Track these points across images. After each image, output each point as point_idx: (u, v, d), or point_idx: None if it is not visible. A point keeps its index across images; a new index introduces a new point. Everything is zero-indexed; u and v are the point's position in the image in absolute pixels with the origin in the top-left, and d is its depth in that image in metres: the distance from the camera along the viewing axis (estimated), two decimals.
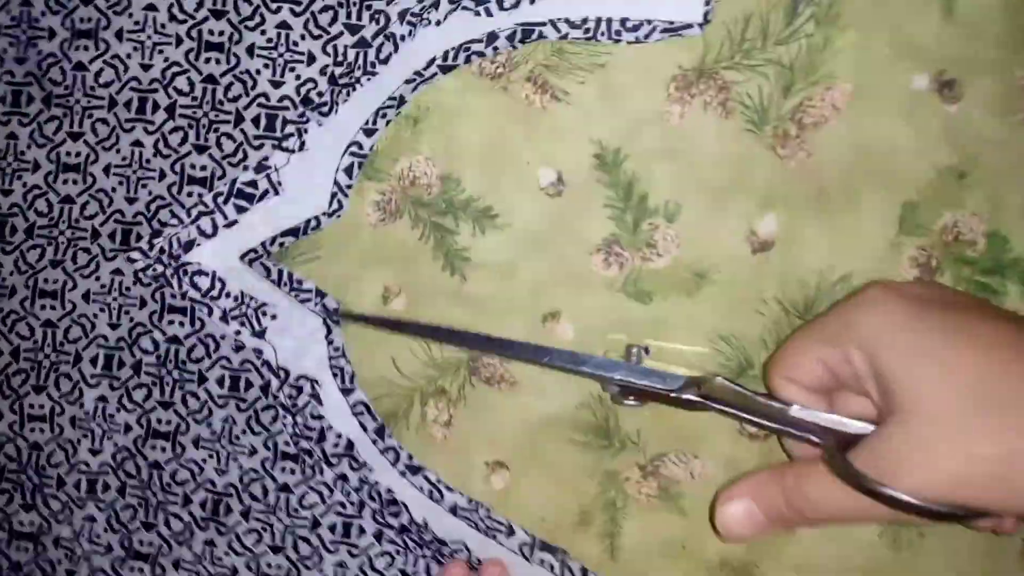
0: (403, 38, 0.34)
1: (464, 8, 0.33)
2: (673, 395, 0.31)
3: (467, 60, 0.34)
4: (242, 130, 0.35)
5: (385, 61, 0.34)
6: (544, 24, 0.33)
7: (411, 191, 0.36)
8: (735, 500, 0.28)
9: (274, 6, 0.35)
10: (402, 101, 0.34)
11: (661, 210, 0.35)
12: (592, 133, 0.35)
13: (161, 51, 0.36)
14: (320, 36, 0.35)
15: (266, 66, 0.35)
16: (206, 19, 0.35)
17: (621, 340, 0.35)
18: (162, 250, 0.36)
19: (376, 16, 0.34)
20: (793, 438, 0.29)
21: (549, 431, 0.36)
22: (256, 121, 0.35)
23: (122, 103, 0.36)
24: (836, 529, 0.34)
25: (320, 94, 0.35)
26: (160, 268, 0.36)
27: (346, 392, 0.36)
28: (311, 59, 0.35)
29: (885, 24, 0.33)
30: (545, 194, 0.35)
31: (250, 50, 0.35)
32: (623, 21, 0.33)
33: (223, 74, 0.35)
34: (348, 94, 0.34)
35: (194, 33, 0.35)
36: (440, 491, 0.36)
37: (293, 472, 0.37)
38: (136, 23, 0.36)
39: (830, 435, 0.27)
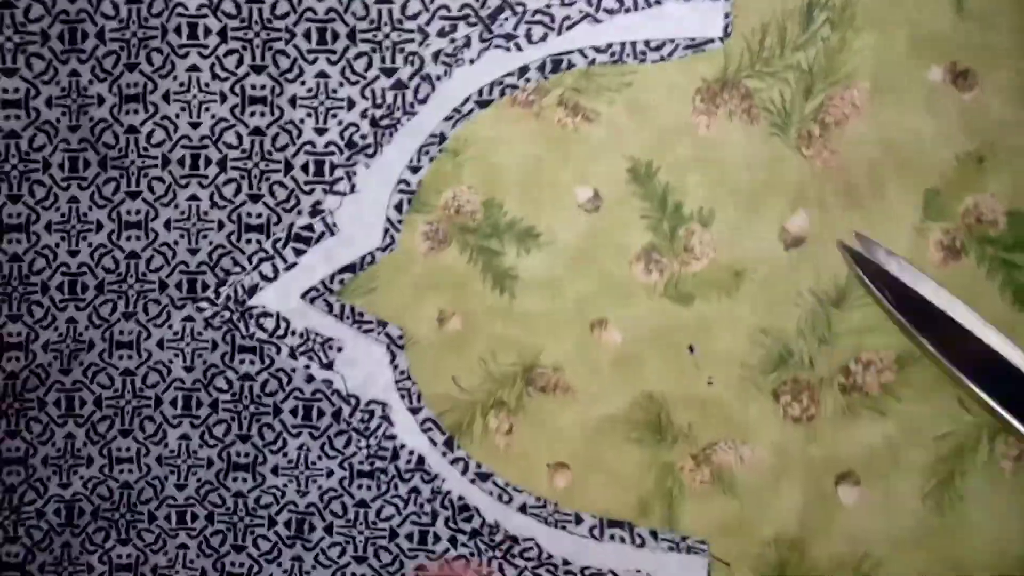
0: (439, 78, 0.35)
1: (496, 46, 0.35)
2: None
3: (502, 94, 0.36)
4: (293, 177, 0.37)
5: (424, 101, 0.36)
6: (572, 52, 0.35)
7: (457, 219, 0.38)
8: None
9: (311, 57, 0.36)
10: (443, 138, 0.36)
11: (696, 216, 0.37)
12: (624, 149, 0.36)
13: (208, 108, 0.37)
14: (358, 82, 0.36)
15: (309, 115, 0.37)
16: (247, 75, 0.37)
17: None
18: (228, 297, 0.38)
19: (410, 58, 0.36)
20: None
21: (606, 431, 0.39)
22: (305, 168, 0.37)
23: (175, 160, 0.38)
24: (882, 497, 0.36)
25: (363, 137, 0.36)
26: (227, 314, 0.38)
27: (414, 411, 0.39)
28: (351, 104, 0.36)
29: (899, 22, 0.34)
30: (583, 210, 0.37)
31: (292, 101, 0.37)
32: (647, 42, 0.34)
33: (269, 126, 0.37)
34: (391, 135, 0.36)
35: (237, 89, 0.37)
36: (509, 493, 0.39)
37: (370, 488, 0.39)
38: (181, 84, 0.37)
39: None
